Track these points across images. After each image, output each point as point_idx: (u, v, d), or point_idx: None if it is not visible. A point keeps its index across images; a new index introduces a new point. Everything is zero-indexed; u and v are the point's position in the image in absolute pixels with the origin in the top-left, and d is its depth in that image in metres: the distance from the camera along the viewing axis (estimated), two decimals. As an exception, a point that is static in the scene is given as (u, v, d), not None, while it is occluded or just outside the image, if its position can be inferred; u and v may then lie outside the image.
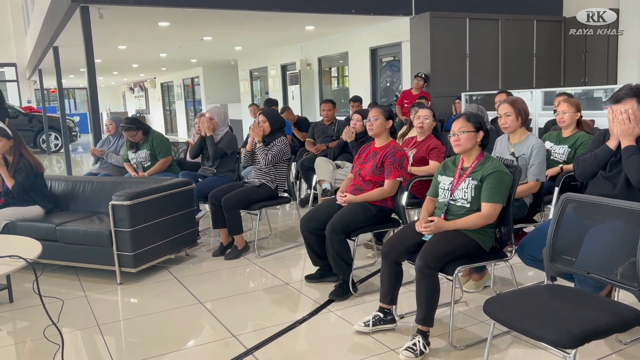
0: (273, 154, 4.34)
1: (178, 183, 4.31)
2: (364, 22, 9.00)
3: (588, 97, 6.94)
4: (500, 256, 2.88)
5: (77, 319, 3.31)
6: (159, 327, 3.19)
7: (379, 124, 3.55)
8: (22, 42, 16.70)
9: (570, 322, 1.98)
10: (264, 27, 9.08)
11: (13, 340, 3.19)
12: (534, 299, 2.25)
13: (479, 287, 3.48)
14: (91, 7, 6.22)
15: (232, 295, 3.63)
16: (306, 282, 3.76)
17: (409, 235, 2.89)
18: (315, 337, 3.01)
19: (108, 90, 28.73)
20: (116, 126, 5.69)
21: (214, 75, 17.15)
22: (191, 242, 4.46)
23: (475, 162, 2.85)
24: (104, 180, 4.69)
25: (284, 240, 4.93)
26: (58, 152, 15.30)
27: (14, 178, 4.17)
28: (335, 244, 3.35)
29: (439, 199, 2.96)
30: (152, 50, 12.07)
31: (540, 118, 6.51)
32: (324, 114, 6.43)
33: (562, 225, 2.38)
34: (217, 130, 4.95)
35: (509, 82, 8.36)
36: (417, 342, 2.65)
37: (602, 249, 2.26)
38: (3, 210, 4.18)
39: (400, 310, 3.10)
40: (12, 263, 2.38)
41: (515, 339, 2.78)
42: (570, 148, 3.92)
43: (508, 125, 3.36)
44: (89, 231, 3.92)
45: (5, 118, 7.67)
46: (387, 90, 9.78)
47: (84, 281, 3.98)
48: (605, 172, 2.77)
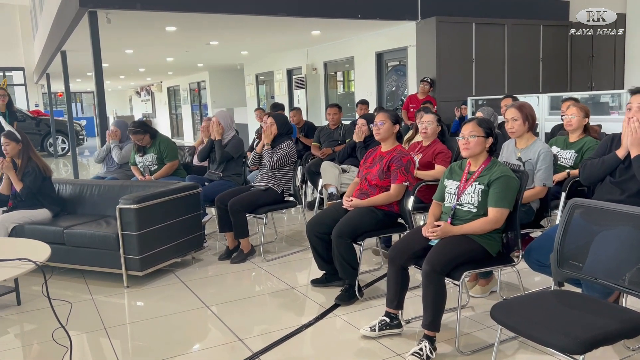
0: (278, 157, 4.36)
1: (185, 187, 4.33)
2: (370, 27, 9.01)
3: (595, 102, 6.92)
4: (507, 261, 2.87)
5: (84, 321, 3.32)
6: (165, 331, 3.20)
7: (386, 129, 3.56)
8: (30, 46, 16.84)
9: (578, 328, 1.97)
10: (270, 32, 9.11)
11: (20, 342, 3.21)
12: (541, 305, 2.24)
13: (485, 292, 3.47)
14: (99, 12, 6.27)
15: (238, 299, 3.63)
16: (312, 286, 3.76)
17: (415, 240, 2.89)
18: (321, 342, 3.01)
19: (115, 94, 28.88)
20: (121, 132, 5.68)
21: (220, 79, 17.22)
22: (197, 246, 4.47)
23: (482, 166, 2.85)
24: (111, 184, 4.72)
25: (289, 244, 4.94)
26: (65, 155, 15.39)
27: (22, 181, 4.20)
28: (342, 248, 3.35)
29: (446, 204, 2.96)
30: (159, 55, 12.14)
31: (546, 123, 6.49)
32: (329, 118, 6.44)
33: (569, 231, 2.38)
34: (224, 134, 4.97)
35: (515, 87, 8.35)
36: (423, 347, 2.65)
37: (610, 254, 2.25)
38: (11, 213, 4.21)
39: (407, 315, 3.10)
40: (21, 266, 2.40)
41: (522, 345, 2.77)
42: (577, 153, 3.91)
43: (515, 129, 3.35)
44: (96, 234, 3.94)
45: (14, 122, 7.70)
46: (393, 94, 9.79)
47: (91, 284, 3.99)
48: (615, 177, 2.76)
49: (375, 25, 8.80)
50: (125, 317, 3.49)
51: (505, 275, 3.65)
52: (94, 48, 6.43)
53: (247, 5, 6.97)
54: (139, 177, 5.16)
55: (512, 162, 3.37)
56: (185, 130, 20.80)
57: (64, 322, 2.47)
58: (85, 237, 3.97)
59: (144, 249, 3.85)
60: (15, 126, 7.15)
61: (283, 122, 4.53)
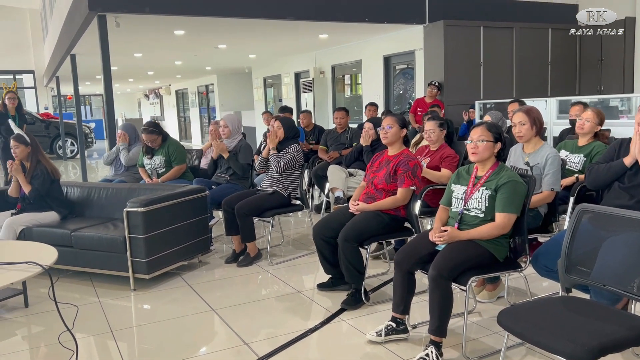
0: (285, 162, 4.37)
1: (192, 190, 4.34)
2: (378, 31, 9.01)
3: (604, 106, 6.87)
4: (514, 267, 2.85)
5: (90, 324, 3.34)
6: (171, 334, 3.21)
7: (394, 132, 3.55)
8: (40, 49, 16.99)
9: (586, 335, 1.95)
10: (278, 36, 9.14)
11: (28, 345, 3.23)
12: (548, 311, 2.22)
13: (492, 298, 3.45)
14: (108, 15, 6.32)
15: (244, 302, 3.63)
16: (318, 290, 3.76)
17: (422, 244, 2.87)
18: (327, 346, 3.00)
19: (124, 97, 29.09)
20: (129, 135, 5.70)
21: (228, 82, 17.29)
22: (204, 249, 4.48)
23: (490, 171, 2.83)
24: (119, 187, 4.74)
25: (296, 248, 4.94)
26: (74, 158, 15.49)
27: (30, 184, 4.23)
28: (348, 252, 3.34)
29: (453, 208, 2.94)
30: (167, 58, 12.20)
31: (555, 127, 6.45)
32: (337, 121, 6.45)
33: (577, 236, 2.36)
34: (231, 138, 4.98)
35: (524, 91, 8.31)
36: (429, 352, 2.63)
37: (619, 260, 2.23)
38: (20, 215, 4.24)
39: (413, 320, 3.08)
40: (28, 269, 2.41)
41: (529, 351, 2.75)
42: (585, 157, 3.88)
43: (523, 134, 3.33)
44: (104, 237, 3.96)
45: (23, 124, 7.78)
46: (400, 98, 9.78)
47: (97, 287, 4.01)
48: (624, 183, 2.74)
49: (383, 29, 8.80)
50: (131, 320, 3.50)
51: (513, 281, 3.62)
52: (103, 51, 6.47)
53: (255, 9, 6.99)
54: (146, 180, 5.18)
55: (520, 167, 3.35)
56: (193, 133, 20.89)
57: (70, 325, 2.48)
58: (93, 240, 3.99)
59: (151, 251, 3.87)
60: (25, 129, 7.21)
61: (290, 126, 4.54)
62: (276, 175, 4.45)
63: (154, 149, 5.19)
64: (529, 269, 2.92)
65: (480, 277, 3.10)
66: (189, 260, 4.36)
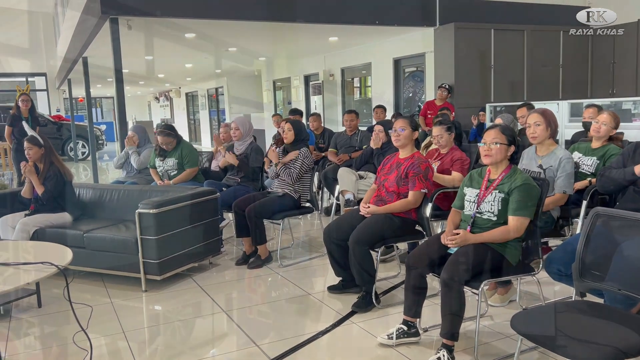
0: (297, 172, 4.37)
1: (203, 192, 4.36)
2: (388, 33, 9.00)
3: (617, 109, 6.81)
4: (526, 270, 2.84)
5: (102, 325, 3.35)
6: (182, 335, 3.22)
7: (406, 135, 3.54)
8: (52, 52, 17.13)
9: (601, 339, 1.93)
10: (287, 38, 9.17)
11: (41, 345, 3.25)
12: (563, 315, 2.21)
13: (504, 302, 3.43)
14: (120, 19, 6.37)
15: (254, 304, 3.64)
16: (329, 292, 3.75)
17: (433, 247, 2.86)
18: (338, 349, 3.00)
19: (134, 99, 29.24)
20: (139, 137, 5.73)
21: (238, 85, 17.34)
22: (215, 251, 4.50)
23: (503, 174, 2.82)
24: (131, 189, 4.77)
25: (306, 250, 4.94)
26: (85, 159, 15.61)
27: (43, 185, 4.27)
28: (359, 255, 3.33)
29: (465, 212, 2.93)
30: (178, 61, 12.28)
31: (567, 130, 6.41)
32: (346, 124, 6.44)
33: (591, 240, 2.34)
34: (242, 140, 5.00)
35: (535, 93, 8.26)
36: (441, 356, 2.62)
37: (634, 264, 2.21)
38: (33, 216, 4.28)
39: (425, 323, 3.07)
40: (44, 269, 2.43)
41: (542, 356, 2.73)
42: (599, 160, 3.84)
43: (538, 134, 3.30)
44: (116, 238, 3.99)
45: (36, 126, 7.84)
46: (410, 100, 9.76)
47: (109, 288, 4.03)
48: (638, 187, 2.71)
49: (393, 32, 8.79)
50: (143, 321, 3.52)
51: (525, 284, 3.60)
52: (115, 54, 6.52)
53: (265, 12, 7.01)
54: (157, 182, 5.20)
55: (533, 170, 3.33)
56: (203, 136, 20.97)
57: (84, 326, 2.50)
58: (105, 241, 4.02)
59: (162, 253, 3.88)
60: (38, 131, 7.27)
61: (300, 129, 4.54)
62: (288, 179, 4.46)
63: (166, 150, 5.21)
64: (541, 273, 2.90)
65: (493, 281, 3.08)
66: (200, 261, 4.38)
